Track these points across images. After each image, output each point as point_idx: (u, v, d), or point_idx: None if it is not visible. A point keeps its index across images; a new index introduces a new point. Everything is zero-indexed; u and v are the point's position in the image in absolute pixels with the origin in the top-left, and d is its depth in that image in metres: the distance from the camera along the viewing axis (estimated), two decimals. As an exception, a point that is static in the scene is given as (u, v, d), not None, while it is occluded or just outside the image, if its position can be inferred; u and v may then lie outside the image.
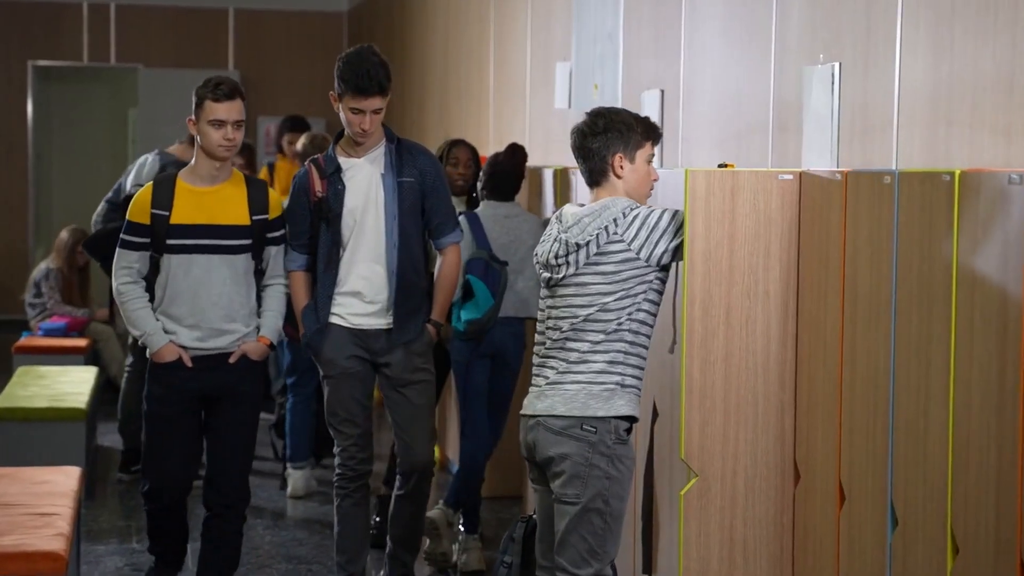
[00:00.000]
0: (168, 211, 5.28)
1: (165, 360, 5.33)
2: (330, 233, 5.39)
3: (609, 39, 6.62)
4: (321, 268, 5.44)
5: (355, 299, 5.43)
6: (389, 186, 5.37)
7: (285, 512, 7.41)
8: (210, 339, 5.35)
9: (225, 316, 5.34)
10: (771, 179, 4.19)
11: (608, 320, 4.11)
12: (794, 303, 4.20)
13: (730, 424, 4.20)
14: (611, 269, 4.10)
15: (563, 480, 4.15)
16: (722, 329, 4.19)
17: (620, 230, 4.09)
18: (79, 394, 7.91)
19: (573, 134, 4.23)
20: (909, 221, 3.58)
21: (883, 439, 3.72)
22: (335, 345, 5.46)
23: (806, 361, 4.16)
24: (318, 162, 5.43)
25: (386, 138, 5.45)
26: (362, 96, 5.25)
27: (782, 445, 4.22)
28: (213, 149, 5.26)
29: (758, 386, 4.21)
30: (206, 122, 5.23)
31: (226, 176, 5.37)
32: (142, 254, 5.34)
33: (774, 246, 4.20)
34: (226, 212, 5.33)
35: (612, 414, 4.12)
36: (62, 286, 10.46)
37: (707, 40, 5.52)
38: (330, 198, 5.37)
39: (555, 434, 4.15)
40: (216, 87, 5.24)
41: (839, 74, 4.37)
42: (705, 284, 4.17)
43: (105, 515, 7.31)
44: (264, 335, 5.44)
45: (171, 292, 5.33)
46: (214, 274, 5.31)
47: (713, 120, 5.46)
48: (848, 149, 4.34)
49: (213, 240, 5.30)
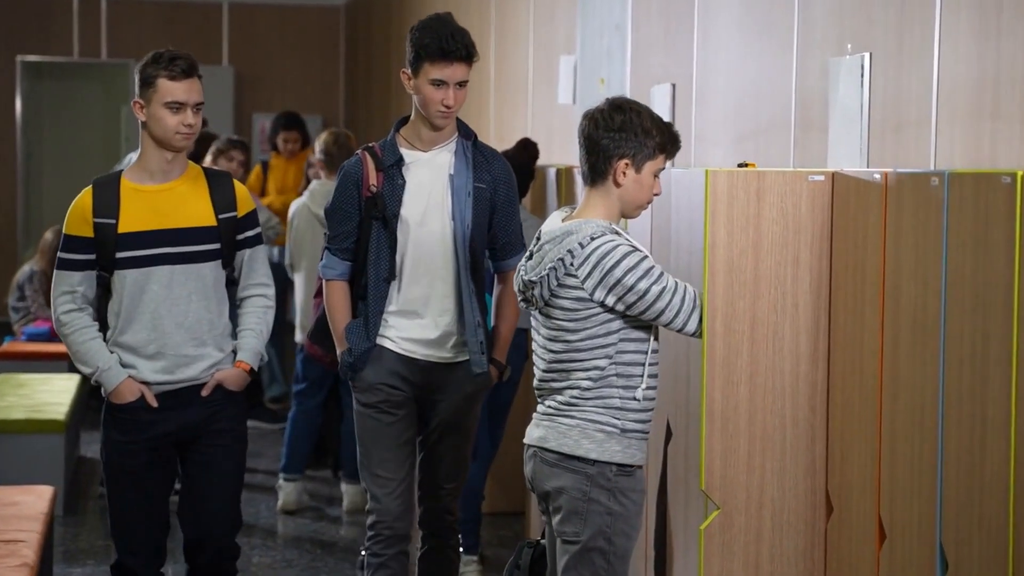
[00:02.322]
0: (115, 218, 4.45)
1: (125, 400, 4.47)
2: (385, 237, 4.60)
3: (616, 30, 6.47)
4: (371, 278, 4.63)
5: (411, 321, 4.62)
6: (461, 190, 4.61)
7: (276, 530, 7.16)
8: (177, 369, 4.51)
9: (193, 340, 4.51)
10: (800, 180, 3.90)
11: (583, 361, 3.81)
12: (826, 318, 3.91)
13: (755, 452, 3.91)
14: (569, 305, 3.81)
15: (561, 516, 3.85)
16: (746, 346, 3.88)
17: (576, 262, 3.77)
18: (59, 404, 7.63)
19: (585, 119, 3.89)
20: (961, 228, 3.28)
21: (930, 472, 3.40)
22: (380, 369, 4.63)
23: (839, 382, 3.86)
24: (374, 150, 4.64)
25: (460, 132, 4.69)
26: (446, 62, 4.51)
27: (813, 475, 3.94)
28: (169, 137, 4.45)
29: (786, 410, 3.91)
30: (160, 105, 4.43)
31: (180, 169, 4.54)
32: (86, 274, 4.50)
33: (804, 254, 3.90)
34: (185, 212, 4.52)
35: (605, 459, 3.82)
36: (46, 289, 10.08)
37: (722, 30, 5.32)
38: (386, 194, 4.59)
39: (550, 466, 3.87)
40: (171, 62, 4.45)
41: (869, 65, 4.13)
42: (727, 296, 3.86)
43: (84, 534, 7.03)
44: (243, 359, 4.60)
45: (126, 316, 4.48)
46: (176, 289, 4.48)
47: (729, 116, 5.25)
48: (879, 147, 4.10)
49: (172, 248, 4.49)
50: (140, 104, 4.49)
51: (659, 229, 4.55)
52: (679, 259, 4.25)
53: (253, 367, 4.62)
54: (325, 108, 14.65)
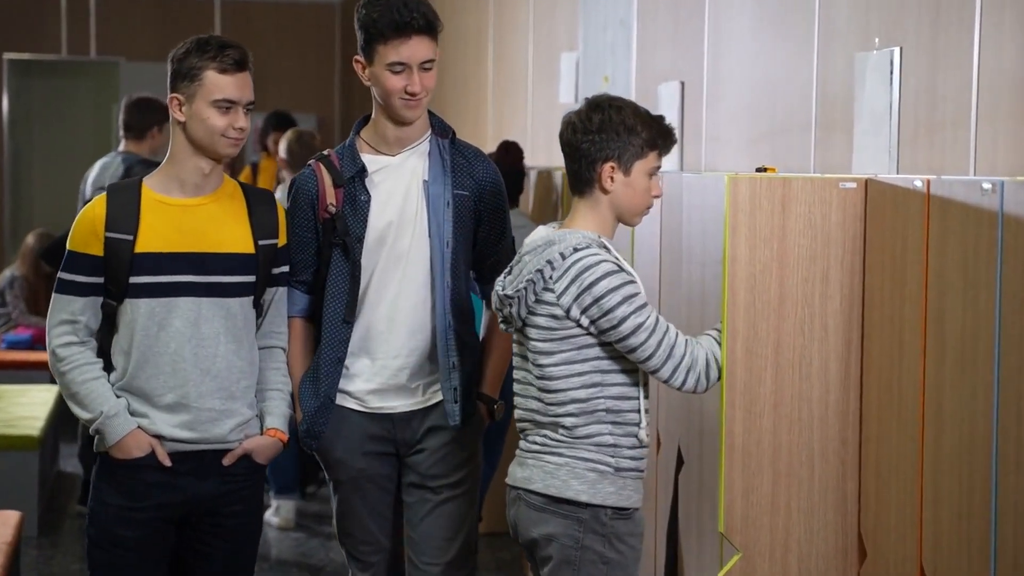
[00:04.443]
0: (132, 234, 3.72)
1: (131, 455, 3.72)
2: (346, 266, 3.89)
3: (621, 25, 6.43)
4: (327, 319, 3.92)
5: (378, 366, 3.93)
6: (438, 200, 3.92)
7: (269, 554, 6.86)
8: (201, 427, 3.75)
9: (220, 391, 3.75)
10: (831, 188, 3.60)
11: (560, 392, 3.48)
12: (858, 341, 3.60)
13: (780, 490, 3.59)
14: (544, 323, 3.48)
15: (552, 567, 3.51)
16: (770, 373, 3.56)
17: (555, 275, 3.45)
18: (34, 419, 7.36)
19: (563, 124, 3.59)
20: (1018, 243, 2.95)
21: (982, 516, 3.08)
22: (346, 440, 3.93)
23: (874, 413, 3.54)
24: (330, 160, 3.93)
25: (434, 129, 3.99)
26: (402, 38, 3.79)
27: (844, 516, 3.62)
28: (214, 142, 3.73)
29: (814, 443, 3.60)
30: (207, 102, 3.71)
31: (216, 183, 3.82)
32: (90, 300, 3.75)
33: (834, 270, 3.58)
34: (218, 235, 3.78)
35: (598, 501, 3.48)
36: (27, 295, 10.10)
37: (736, 23, 5.19)
38: (347, 214, 3.89)
39: (537, 511, 3.52)
40: (222, 51, 3.72)
41: (899, 61, 3.94)
42: (749, 317, 3.54)
43: (59, 557, 6.76)
44: (275, 426, 3.83)
45: (140, 357, 3.73)
46: (205, 327, 3.73)
47: (743, 116, 5.11)
48: (910, 151, 3.89)
49: (199, 276, 3.75)
50: (179, 100, 3.74)
51: (669, 235, 4.30)
52: (691, 271, 3.99)
53: (287, 437, 3.87)
54: (320, 107, 14.70)
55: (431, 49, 3.84)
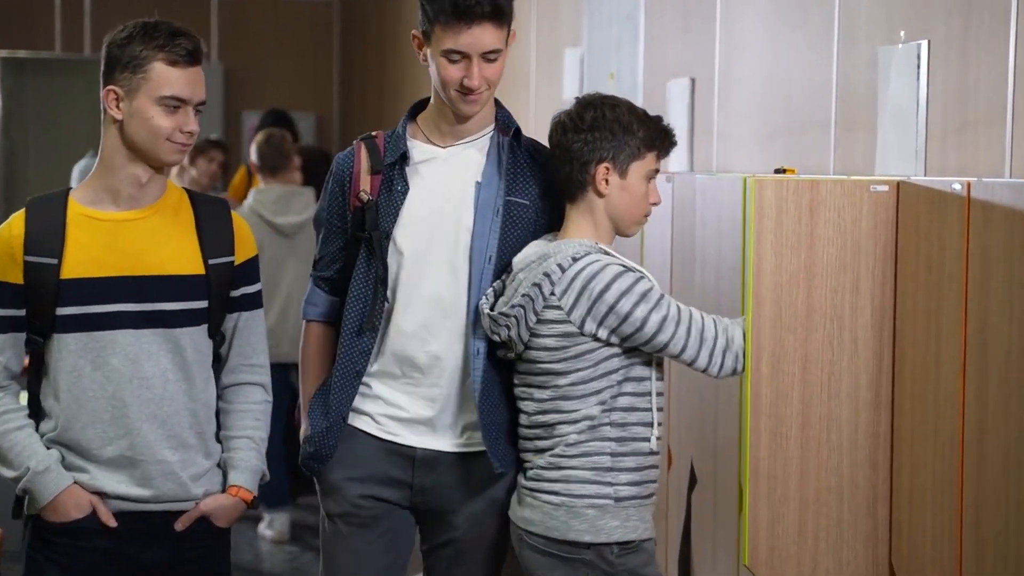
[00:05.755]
0: (57, 257, 3.19)
1: (68, 517, 3.17)
2: (372, 267, 3.36)
3: (627, 20, 6.33)
4: (345, 326, 3.39)
5: (402, 388, 3.39)
6: (486, 206, 3.35)
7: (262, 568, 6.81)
8: (148, 483, 3.23)
9: (172, 439, 3.24)
10: (861, 191, 3.43)
11: (572, 412, 3.28)
12: (890, 358, 3.44)
13: (807, 518, 3.42)
14: (553, 344, 3.26)
15: None
16: (797, 391, 3.39)
17: (558, 289, 3.24)
18: None
19: (552, 125, 3.38)
20: None
21: None
22: (352, 463, 3.39)
23: (908, 436, 3.37)
24: (374, 142, 3.41)
25: (498, 125, 3.45)
26: (463, 24, 3.25)
27: (874, 545, 3.46)
28: (156, 146, 3.20)
29: (843, 468, 3.43)
30: (151, 99, 3.18)
31: (157, 193, 3.28)
32: (10, 337, 3.22)
33: (865, 281, 3.42)
34: (160, 254, 3.26)
35: (601, 540, 3.28)
36: None
37: (750, 16, 5.08)
38: (380, 204, 3.36)
39: (540, 554, 3.32)
40: (173, 40, 3.20)
41: (927, 55, 3.80)
42: (775, 331, 3.37)
43: None
44: (239, 483, 3.32)
45: (72, 402, 3.20)
46: (147, 364, 3.22)
47: (757, 114, 5.00)
48: (939, 151, 3.76)
49: (137, 304, 3.23)
50: (116, 95, 3.21)
51: (681, 239, 4.15)
52: (705, 279, 3.82)
53: (254, 495, 3.35)
54: (319, 106, 14.69)
55: (497, 38, 3.30)
